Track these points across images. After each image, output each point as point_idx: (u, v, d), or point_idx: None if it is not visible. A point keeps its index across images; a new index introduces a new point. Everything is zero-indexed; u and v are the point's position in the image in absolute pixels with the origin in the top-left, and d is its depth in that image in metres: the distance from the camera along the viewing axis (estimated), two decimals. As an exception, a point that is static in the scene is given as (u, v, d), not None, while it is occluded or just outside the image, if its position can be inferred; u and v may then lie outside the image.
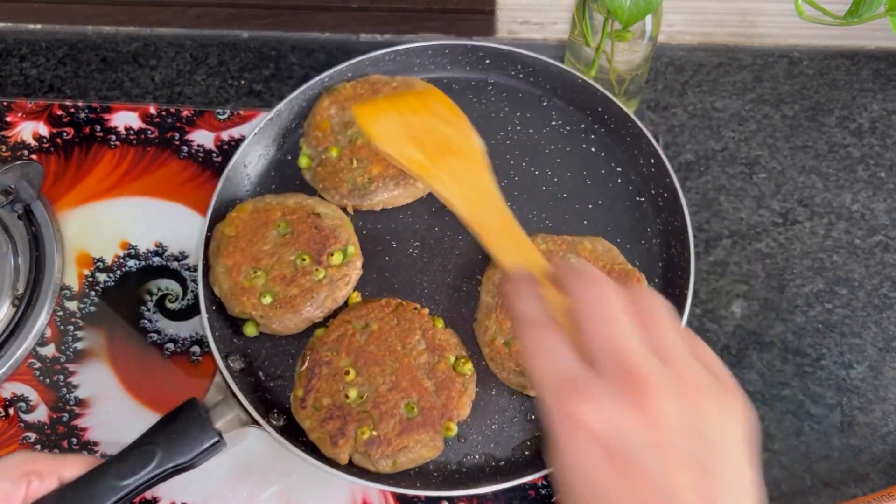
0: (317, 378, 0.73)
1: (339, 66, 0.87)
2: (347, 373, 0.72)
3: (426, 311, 0.76)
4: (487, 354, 0.75)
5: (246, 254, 0.77)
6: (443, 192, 0.66)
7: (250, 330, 0.77)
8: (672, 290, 0.78)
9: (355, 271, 0.78)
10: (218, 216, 0.81)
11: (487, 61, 0.89)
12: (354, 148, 0.82)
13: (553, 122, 0.85)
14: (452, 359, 0.74)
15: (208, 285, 0.78)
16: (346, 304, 0.78)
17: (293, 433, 0.73)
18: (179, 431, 0.67)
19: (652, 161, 0.82)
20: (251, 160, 0.84)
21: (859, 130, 0.96)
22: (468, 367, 0.73)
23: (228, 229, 0.78)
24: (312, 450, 0.72)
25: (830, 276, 0.88)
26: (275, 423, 0.73)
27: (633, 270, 0.77)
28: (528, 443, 0.74)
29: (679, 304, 0.76)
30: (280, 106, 0.85)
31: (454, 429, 0.72)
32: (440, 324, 0.76)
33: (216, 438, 0.68)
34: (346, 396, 0.71)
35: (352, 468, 0.71)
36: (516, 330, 0.50)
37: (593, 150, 0.85)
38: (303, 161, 0.84)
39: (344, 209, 0.82)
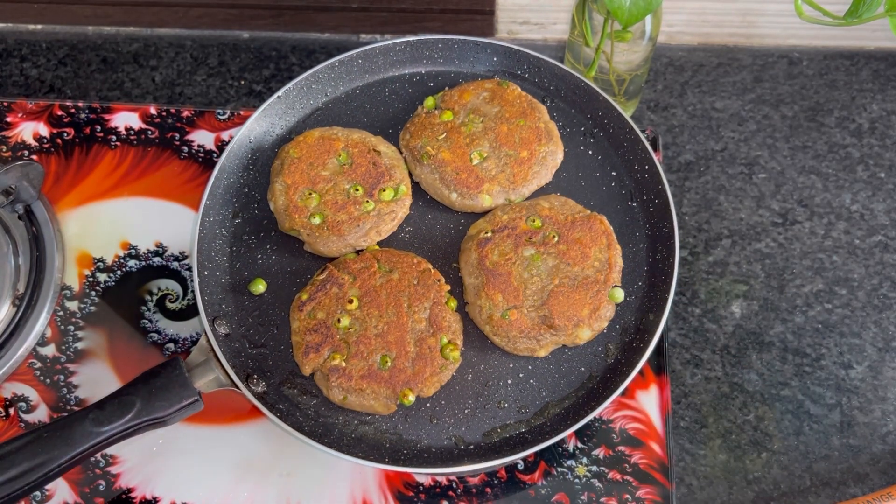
0: (324, 292, 0.76)
1: (350, 53, 0.87)
2: (351, 301, 0.75)
3: (447, 287, 0.77)
4: (491, 331, 0.76)
5: (305, 175, 0.80)
6: None
7: (258, 287, 0.79)
8: (654, 293, 0.78)
9: (402, 210, 0.81)
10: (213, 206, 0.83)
11: (495, 59, 0.89)
12: (454, 129, 0.84)
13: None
14: (445, 340, 0.75)
15: (203, 251, 0.79)
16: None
17: (270, 400, 0.74)
18: (160, 387, 0.69)
19: (646, 167, 0.83)
20: (256, 136, 0.85)
21: (859, 131, 0.96)
22: (454, 356, 0.74)
23: (294, 150, 0.81)
24: (287, 417, 0.73)
25: (830, 277, 0.88)
26: (253, 388, 0.74)
27: (593, 214, 0.78)
28: (499, 430, 0.74)
29: (660, 309, 0.77)
30: (289, 86, 0.86)
31: (411, 399, 0.73)
32: (453, 304, 0.77)
33: (195, 397, 0.70)
34: (339, 321, 0.74)
35: (322, 440, 0.72)
36: None
37: (590, 152, 0.86)
38: (428, 101, 0.86)
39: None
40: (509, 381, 0.76)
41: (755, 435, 0.81)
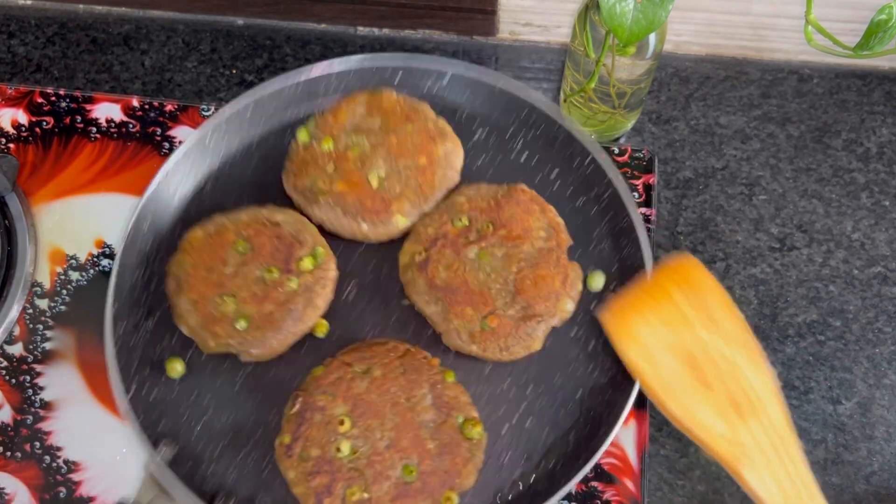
0: (307, 424, 0.66)
1: (236, 104, 0.82)
2: (342, 422, 0.66)
3: (436, 361, 0.70)
4: (480, 350, 0.71)
5: (208, 282, 0.72)
6: (756, 486, 0.50)
7: (174, 370, 0.72)
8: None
9: (331, 272, 0.74)
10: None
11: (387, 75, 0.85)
12: (341, 155, 0.78)
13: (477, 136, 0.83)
14: (461, 419, 0.68)
15: (125, 369, 0.71)
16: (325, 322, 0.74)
17: None
18: None
19: (586, 161, 0.79)
20: (153, 219, 0.79)
21: (866, 155, 0.93)
22: (476, 431, 0.67)
23: (183, 263, 0.73)
24: None
25: (825, 307, 0.85)
26: None
27: (511, 187, 0.76)
28: (506, 488, 0.70)
29: None
30: (174, 158, 0.79)
31: (455, 500, 0.65)
32: (451, 377, 0.70)
33: None
34: (338, 450, 0.65)
35: None
36: None
37: (525, 155, 0.83)
38: (301, 134, 0.79)
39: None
40: (503, 429, 0.72)
41: (736, 468, 0.79)
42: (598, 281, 0.76)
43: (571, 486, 0.67)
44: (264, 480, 0.70)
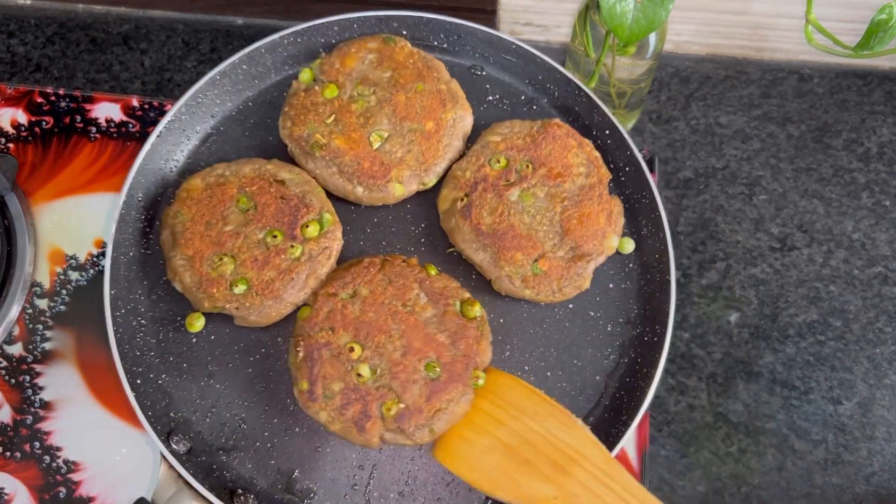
0: (319, 364, 0.64)
1: (231, 59, 0.77)
2: (352, 349, 0.64)
3: (415, 260, 0.69)
4: (532, 294, 0.70)
5: (206, 239, 0.67)
6: None
7: (195, 325, 0.69)
8: (653, 272, 0.75)
9: (336, 242, 0.70)
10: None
11: (404, 32, 0.80)
12: (343, 107, 0.72)
13: (490, 97, 0.79)
14: (458, 304, 0.68)
15: (127, 356, 0.68)
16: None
17: None
18: None
19: (607, 132, 0.76)
20: (146, 190, 0.76)
21: (867, 155, 0.92)
22: (476, 309, 0.67)
23: (181, 213, 0.69)
24: None
25: (825, 307, 0.85)
26: None
27: (545, 122, 0.74)
28: None
29: (665, 291, 0.73)
30: (167, 119, 0.76)
31: (483, 376, 0.66)
32: (433, 271, 0.69)
33: None
34: (359, 375, 0.64)
35: None
36: None
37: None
38: (304, 74, 0.75)
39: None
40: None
41: (736, 468, 0.79)
42: (628, 245, 0.75)
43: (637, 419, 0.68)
44: (283, 467, 0.69)
